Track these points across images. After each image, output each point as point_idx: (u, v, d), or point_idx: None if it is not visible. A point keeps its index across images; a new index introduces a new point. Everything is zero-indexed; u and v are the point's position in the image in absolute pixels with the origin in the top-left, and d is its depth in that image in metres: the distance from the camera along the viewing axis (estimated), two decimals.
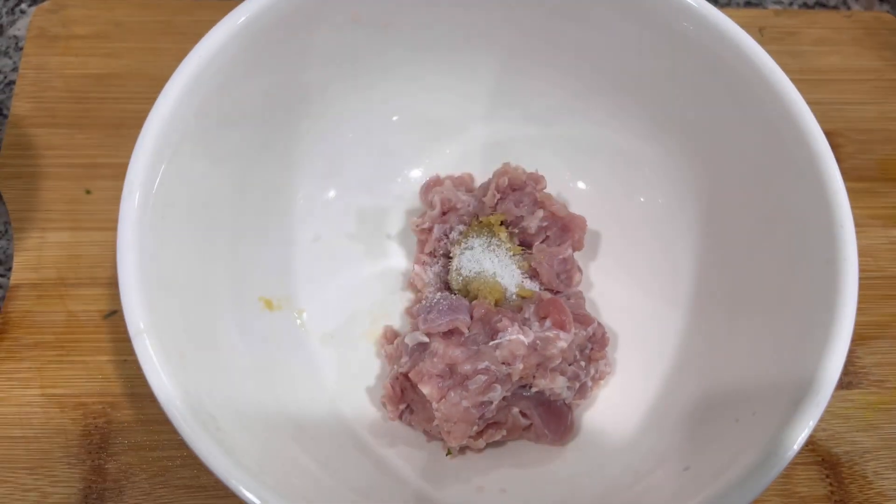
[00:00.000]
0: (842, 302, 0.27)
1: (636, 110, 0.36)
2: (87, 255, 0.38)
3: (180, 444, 0.24)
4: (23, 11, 0.47)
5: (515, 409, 0.32)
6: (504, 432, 0.32)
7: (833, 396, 0.36)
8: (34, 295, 0.37)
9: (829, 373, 0.26)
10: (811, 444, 0.36)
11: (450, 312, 0.32)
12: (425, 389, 0.31)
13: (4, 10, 0.46)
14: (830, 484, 0.35)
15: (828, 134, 0.43)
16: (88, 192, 0.40)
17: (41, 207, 0.39)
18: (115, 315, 0.37)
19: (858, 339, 0.38)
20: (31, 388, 0.35)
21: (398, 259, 0.38)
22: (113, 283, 0.27)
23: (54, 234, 0.39)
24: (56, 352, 0.36)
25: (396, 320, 0.37)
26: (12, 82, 0.44)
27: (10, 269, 0.38)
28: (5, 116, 0.42)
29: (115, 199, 0.28)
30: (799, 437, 0.25)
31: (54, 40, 0.44)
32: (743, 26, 0.32)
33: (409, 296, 0.38)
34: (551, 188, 0.37)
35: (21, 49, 0.44)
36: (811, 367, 0.27)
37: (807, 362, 0.27)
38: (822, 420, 0.36)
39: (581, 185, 0.39)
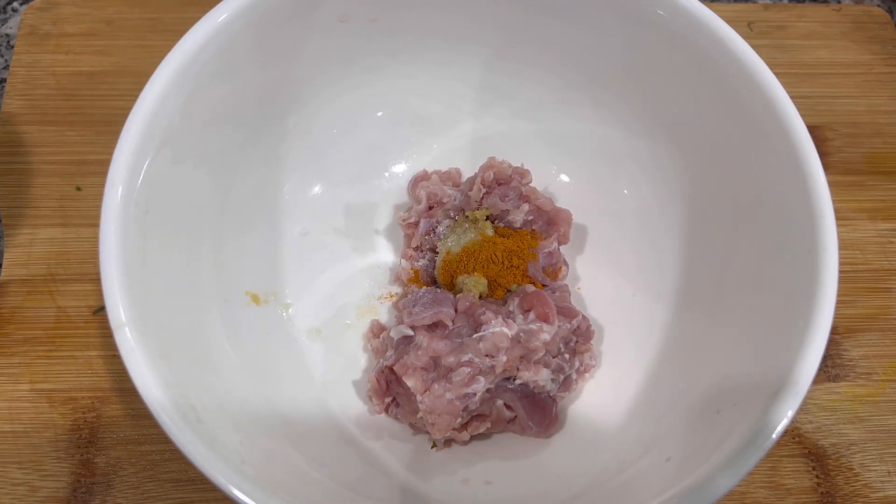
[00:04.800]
0: (822, 292, 0.27)
1: (620, 104, 0.36)
2: (77, 251, 0.39)
3: (168, 439, 0.25)
4: (14, 10, 0.47)
5: (500, 402, 0.32)
6: (488, 425, 0.32)
7: (820, 389, 0.37)
8: (24, 291, 0.38)
9: (808, 364, 0.26)
10: (797, 437, 0.36)
11: (434, 306, 0.32)
12: (409, 382, 0.31)
13: None
14: (817, 476, 0.35)
15: (816, 127, 0.43)
16: (78, 188, 0.40)
17: (31, 204, 0.40)
18: (104, 311, 0.37)
19: (846, 331, 0.38)
20: (21, 383, 0.36)
21: (385, 253, 0.39)
22: None
23: (44, 230, 0.39)
24: (46, 347, 0.36)
25: (384, 314, 0.37)
26: (3, 80, 0.44)
27: (0, 266, 0.39)
28: None
29: None
30: (777, 426, 0.25)
31: (45, 38, 0.44)
32: (732, 20, 0.32)
33: (397, 290, 0.38)
34: (537, 182, 0.37)
35: (12, 47, 0.45)
36: (791, 358, 0.27)
37: (787, 353, 0.27)
38: (808, 412, 0.36)
39: (567, 178, 0.39)
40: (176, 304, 0.30)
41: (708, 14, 0.31)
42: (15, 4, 0.47)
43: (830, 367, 0.37)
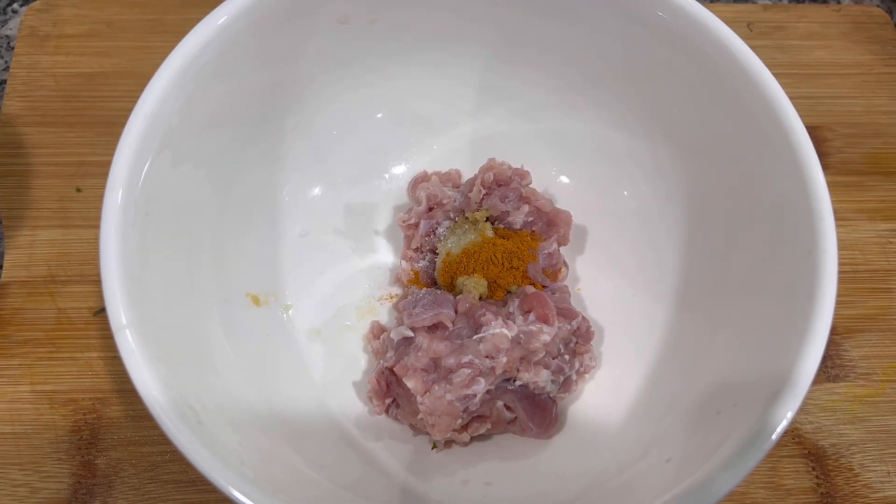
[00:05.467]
0: (821, 294, 0.27)
1: (620, 105, 0.36)
2: (77, 252, 0.39)
3: (169, 440, 0.25)
4: (14, 11, 0.47)
5: (500, 403, 0.32)
6: (489, 426, 0.33)
7: (820, 389, 0.37)
8: (24, 292, 0.38)
9: (807, 365, 0.26)
10: (797, 437, 0.36)
11: (434, 307, 0.32)
12: (410, 383, 0.31)
13: None
14: (817, 476, 0.35)
15: (816, 128, 0.43)
16: (79, 189, 0.40)
17: (32, 205, 0.40)
18: (104, 312, 0.37)
19: (845, 332, 0.38)
20: (22, 384, 0.36)
21: (385, 254, 0.39)
22: None
23: (45, 231, 0.39)
24: (46, 348, 0.36)
25: (384, 315, 0.37)
26: (3, 82, 0.44)
27: (0, 267, 0.39)
28: None
29: None
30: (777, 427, 0.25)
31: (45, 39, 0.44)
32: (732, 21, 0.32)
33: (397, 291, 0.38)
34: (537, 183, 0.37)
35: (12, 49, 0.45)
36: (790, 360, 0.27)
37: (786, 354, 0.27)
38: (808, 413, 0.36)
39: (567, 179, 0.39)
40: (176, 305, 0.30)
41: (707, 15, 0.31)
42: (15, 6, 0.47)
43: (830, 368, 0.37)
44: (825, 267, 0.28)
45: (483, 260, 0.34)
